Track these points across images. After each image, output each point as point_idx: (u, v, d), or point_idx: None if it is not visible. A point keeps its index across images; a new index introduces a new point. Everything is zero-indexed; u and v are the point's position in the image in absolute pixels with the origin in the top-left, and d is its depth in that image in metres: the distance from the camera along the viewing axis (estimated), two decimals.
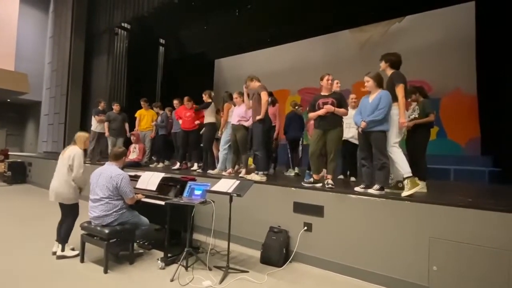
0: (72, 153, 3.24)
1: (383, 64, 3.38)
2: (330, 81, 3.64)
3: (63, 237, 3.18)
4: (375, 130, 3.14)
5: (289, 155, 5.57)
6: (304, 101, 8.56)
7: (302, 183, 3.62)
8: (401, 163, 3.04)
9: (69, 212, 3.26)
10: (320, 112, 3.52)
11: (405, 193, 2.89)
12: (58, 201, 3.21)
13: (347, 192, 3.18)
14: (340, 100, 3.56)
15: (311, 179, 3.62)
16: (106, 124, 6.48)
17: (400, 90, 3.11)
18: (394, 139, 3.12)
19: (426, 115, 3.59)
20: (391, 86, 3.19)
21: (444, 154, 6.48)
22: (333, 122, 3.52)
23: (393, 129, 3.13)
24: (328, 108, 3.47)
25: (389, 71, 3.33)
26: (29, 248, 3.19)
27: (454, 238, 2.49)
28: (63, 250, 3.16)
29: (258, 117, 4.04)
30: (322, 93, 3.67)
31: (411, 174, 2.97)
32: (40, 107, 10.70)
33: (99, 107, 6.73)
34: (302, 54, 9.72)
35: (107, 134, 6.44)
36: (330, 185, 3.38)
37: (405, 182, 2.94)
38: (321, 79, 3.69)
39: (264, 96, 4.03)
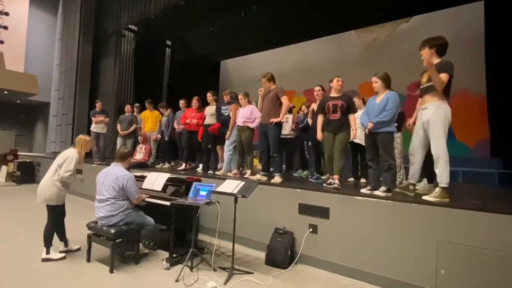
0: (66, 155, 3.19)
1: (427, 51, 2.81)
2: (340, 83, 3.63)
3: (45, 240, 3.09)
4: (382, 131, 3.10)
5: (308, 157, 5.59)
6: (310, 102, 8.52)
7: (324, 184, 3.59)
8: (443, 171, 2.73)
9: (51, 214, 3.17)
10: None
11: (428, 198, 2.75)
12: (42, 201, 3.12)
13: (353, 194, 3.14)
14: (349, 102, 3.58)
15: (331, 181, 3.57)
16: (118, 126, 6.74)
17: (444, 77, 2.67)
18: (441, 143, 2.76)
19: None
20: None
21: (453, 155, 6.34)
22: (342, 124, 3.53)
23: (438, 131, 2.76)
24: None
25: (436, 59, 2.80)
26: (35, 247, 3.22)
27: (463, 242, 2.45)
28: (47, 253, 3.08)
29: (275, 120, 4.00)
30: (331, 95, 3.67)
31: (447, 186, 2.73)
32: (49, 108, 10.85)
33: (96, 108, 6.82)
34: (307, 55, 9.70)
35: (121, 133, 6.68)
36: (336, 185, 3.37)
37: (437, 189, 2.77)
38: (331, 81, 3.70)
39: (286, 102, 4.04)
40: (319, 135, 3.73)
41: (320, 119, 3.76)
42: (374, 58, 8.31)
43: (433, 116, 2.81)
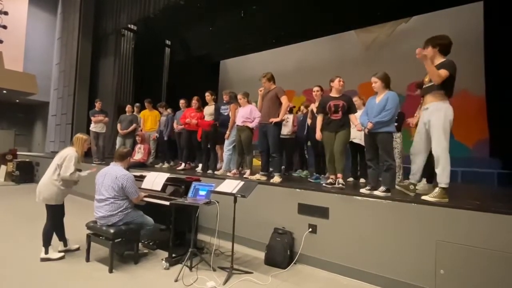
0: (65, 154, 3.20)
1: (430, 50, 2.79)
2: (342, 83, 3.65)
3: (44, 240, 3.10)
4: (381, 131, 3.10)
5: (307, 157, 5.62)
6: (309, 102, 8.53)
7: (324, 184, 3.62)
8: (444, 171, 2.71)
9: (49, 213, 3.17)
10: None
11: (427, 198, 2.74)
12: (41, 201, 3.13)
13: (353, 194, 3.14)
14: (350, 102, 3.59)
15: (331, 180, 3.59)
16: (118, 125, 6.72)
17: (443, 72, 2.64)
18: (441, 143, 2.73)
19: None
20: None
21: (452, 155, 6.35)
22: (343, 124, 3.55)
23: (444, 127, 2.74)
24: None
25: (439, 59, 2.77)
26: (34, 247, 3.22)
27: (462, 242, 2.45)
28: (46, 252, 3.08)
29: (274, 120, 4.01)
30: (332, 95, 3.68)
31: (447, 186, 2.72)
32: (48, 107, 10.84)
33: (96, 108, 6.81)
34: (307, 55, 9.69)
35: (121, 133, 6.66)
36: (340, 185, 3.40)
37: (437, 189, 2.76)
38: (332, 80, 3.70)
39: (286, 101, 4.05)
40: (318, 135, 3.73)
41: (319, 118, 3.75)
42: (373, 58, 8.31)
43: (433, 116, 2.81)
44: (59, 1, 10.61)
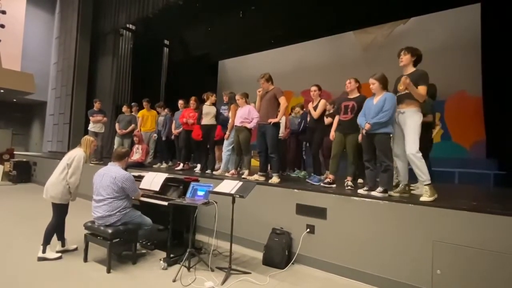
0: (74, 154, 3.26)
1: (408, 58, 3.09)
2: (348, 85, 3.71)
3: (44, 238, 3.11)
4: (379, 133, 3.13)
5: (305, 157, 5.63)
6: (307, 102, 8.55)
7: (322, 184, 3.64)
8: (422, 169, 2.89)
9: (54, 211, 3.23)
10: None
11: (426, 199, 2.79)
12: (48, 198, 3.19)
13: (350, 194, 3.16)
14: (362, 103, 3.55)
15: (329, 180, 3.62)
16: (116, 125, 6.70)
17: (423, 90, 2.90)
18: (416, 145, 2.92)
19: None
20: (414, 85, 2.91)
21: (449, 156, 6.41)
22: (352, 126, 3.57)
23: (414, 134, 2.93)
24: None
25: (411, 68, 3.09)
26: (32, 247, 3.21)
27: (459, 242, 2.47)
28: (44, 252, 3.08)
29: (273, 121, 4.05)
30: (348, 96, 3.75)
31: (430, 182, 2.86)
32: (46, 107, 10.80)
33: (94, 108, 6.80)
34: (305, 56, 9.72)
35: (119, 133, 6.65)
36: (349, 187, 3.45)
37: (425, 188, 2.84)
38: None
39: (284, 102, 4.09)
40: (332, 135, 3.80)
41: (336, 119, 3.84)
42: (371, 59, 8.34)
43: (409, 119, 2.98)
44: (57, 0, 10.59)
